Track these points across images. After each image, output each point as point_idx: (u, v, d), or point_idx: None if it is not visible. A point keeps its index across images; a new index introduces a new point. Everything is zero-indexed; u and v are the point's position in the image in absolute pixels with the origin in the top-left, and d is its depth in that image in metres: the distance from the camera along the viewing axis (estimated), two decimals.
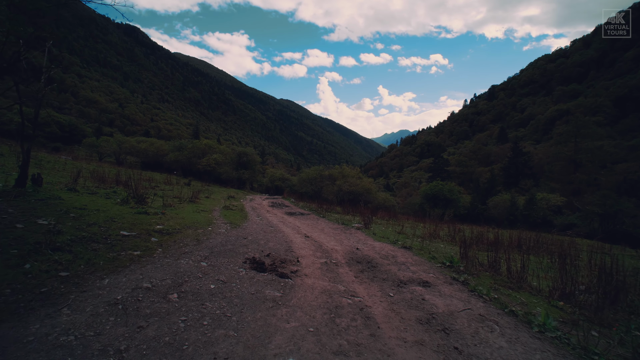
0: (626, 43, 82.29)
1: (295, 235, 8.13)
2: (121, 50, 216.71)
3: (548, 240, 11.93)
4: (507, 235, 11.98)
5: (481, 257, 6.96)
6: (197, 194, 14.77)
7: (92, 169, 19.10)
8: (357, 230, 9.92)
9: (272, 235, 7.74)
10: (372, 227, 11.18)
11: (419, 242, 8.83)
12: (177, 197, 12.66)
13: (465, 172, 72.64)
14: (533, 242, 11.34)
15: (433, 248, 8.23)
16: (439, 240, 10.96)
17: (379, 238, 8.83)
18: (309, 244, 7.14)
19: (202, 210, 10.38)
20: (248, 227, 8.62)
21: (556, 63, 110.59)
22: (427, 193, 36.49)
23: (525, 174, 44.49)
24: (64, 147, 41.16)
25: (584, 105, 77.03)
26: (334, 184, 29.22)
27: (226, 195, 18.56)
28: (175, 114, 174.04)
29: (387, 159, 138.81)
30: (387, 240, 8.52)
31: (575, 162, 36.73)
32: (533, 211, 27.22)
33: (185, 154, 30.76)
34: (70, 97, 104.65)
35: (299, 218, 12.63)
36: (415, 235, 11.18)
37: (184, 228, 6.89)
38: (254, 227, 8.75)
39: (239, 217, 10.51)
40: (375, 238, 8.79)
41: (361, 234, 9.29)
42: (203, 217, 9.06)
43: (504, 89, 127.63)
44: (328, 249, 6.75)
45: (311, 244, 7.17)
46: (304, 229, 9.41)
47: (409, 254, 6.94)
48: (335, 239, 8.23)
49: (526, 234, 12.93)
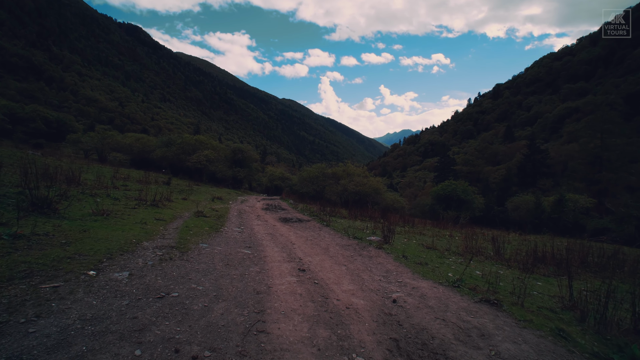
0: (636, 40, 79.10)
1: (283, 267, 5.09)
2: (123, 50, 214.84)
3: (608, 251, 8.94)
4: (549, 246, 8.95)
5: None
6: (170, 196, 11.88)
7: (55, 165, 16.28)
8: (377, 250, 6.89)
9: (239, 272, 4.64)
10: (394, 241, 8.22)
11: (478, 274, 5.86)
12: (139, 200, 9.79)
13: (472, 172, 69.61)
14: (597, 256, 8.44)
15: (511, 285, 5.25)
16: (487, 258, 8.01)
17: (417, 266, 5.73)
18: (305, 294, 3.96)
19: (158, 219, 7.44)
20: (204, 254, 5.41)
21: (562, 61, 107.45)
22: (438, 193, 33.50)
23: (543, 172, 41.29)
24: (48, 144, 38.43)
25: (594, 102, 74.24)
26: (337, 184, 26.28)
27: (212, 197, 15.63)
28: (176, 113, 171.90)
29: (390, 159, 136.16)
30: (433, 273, 5.38)
31: (600, 160, 33.58)
32: (563, 214, 24.14)
33: (173, 150, 27.73)
34: (70, 96, 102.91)
35: (295, 227, 9.70)
36: (451, 251, 8.25)
37: (53, 266, 3.73)
38: (215, 252, 5.60)
39: (206, 230, 7.43)
40: (412, 266, 5.70)
41: (386, 258, 6.24)
42: (136, 233, 5.80)
43: (509, 87, 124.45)
44: (341, 310, 3.55)
45: (308, 293, 3.98)
46: (300, 248, 6.47)
47: (502, 317, 3.71)
48: (349, 272, 5.12)
49: (579, 243, 9.95)
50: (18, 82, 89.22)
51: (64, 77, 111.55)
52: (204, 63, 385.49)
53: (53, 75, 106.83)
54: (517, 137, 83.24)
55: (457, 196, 31.85)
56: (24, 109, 41.33)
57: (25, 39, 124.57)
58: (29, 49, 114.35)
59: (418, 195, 63.34)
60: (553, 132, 77.63)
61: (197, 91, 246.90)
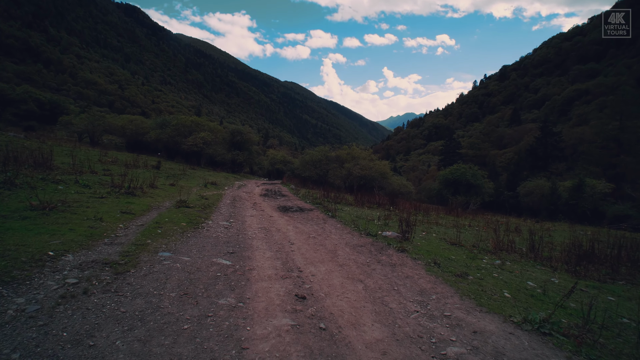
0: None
1: (273, 293, 3.50)
2: (121, 31, 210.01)
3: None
4: (583, 238, 7.53)
5: None
6: (155, 181, 10.53)
7: (34, 148, 14.91)
8: (400, 255, 5.43)
9: (198, 313, 2.90)
10: (413, 238, 6.84)
11: (532, 286, 4.51)
12: (113, 187, 8.44)
13: (478, 155, 67.92)
14: None
15: (591, 310, 3.88)
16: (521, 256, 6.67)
17: (457, 281, 4.32)
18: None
19: (125, 212, 6.04)
20: (156, 273, 3.66)
21: (572, 41, 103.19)
22: (446, 178, 32.10)
23: (556, 156, 39.56)
24: (41, 127, 37.02)
25: (605, 84, 71.63)
26: (342, 168, 24.85)
27: (205, 182, 14.26)
28: (177, 96, 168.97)
29: (394, 142, 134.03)
30: (485, 295, 3.91)
31: (619, 142, 31.83)
32: (582, 200, 22.67)
33: (168, 132, 26.17)
34: (69, 78, 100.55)
35: (296, 218, 8.35)
36: (480, 248, 6.90)
37: None
38: (175, 269, 3.85)
39: (182, 227, 5.90)
40: (452, 282, 4.29)
41: (414, 267, 4.77)
42: (71, 237, 4.19)
43: (516, 69, 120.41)
44: None
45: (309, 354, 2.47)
46: (301, 251, 5.12)
47: None
48: (369, 296, 3.61)
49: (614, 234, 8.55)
50: (15, 65, 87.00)
51: (62, 60, 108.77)
52: (204, 45, 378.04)
53: (51, 58, 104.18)
54: (524, 120, 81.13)
55: (466, 180, 30.41)
56: (15, 90, 39.77)
57: (20, 19, 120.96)
58: (25, 30, 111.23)
59: (422, 179, 61.94)
60: (562, 115, 75.33)
61: (198, 74, 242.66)
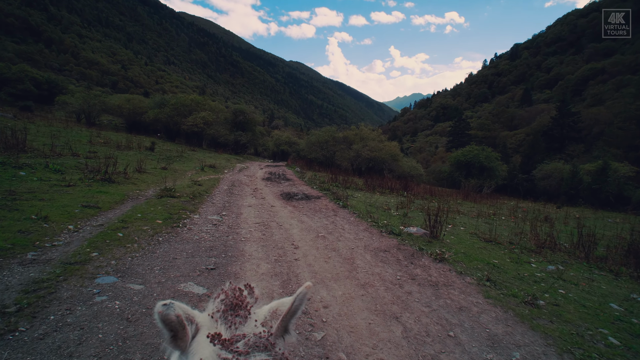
0: None
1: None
2: (123, 9, 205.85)
3: None
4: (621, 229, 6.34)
5: None
6: (143, 165, 9.39)
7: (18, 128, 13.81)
8: (439, 266, 4.22)
9: None
10: (443, 235, 5.65)
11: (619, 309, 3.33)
12: (88, 171, 7.32)
13: (487, 137, 65.76)
14: None
15: None
16: (570, 256, 5.51)
17: (530, 313, 3.16)
18: None
19: (87, 206, 4.91)
20: (56, 334, 2.16)
21: (588, 18, 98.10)
22: (459, 160, 30.69)
23: (573, 137, 37.72)
24: (39, 107, 35.92)
25: (622, 62, 68.31)
26: (349, 149, 23.53)
27: (202, 165, 13.08)
28: (181, 77, 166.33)
29: (401, 123, 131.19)
30: (584, 341, 2.70)
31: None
32: (606, 184, 21.23)
33: (166, 111, 24.83)
34: (71, 59, 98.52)
35: (301, 209, 7.19)
36: (521, 246, 5.72)
37: None
38: (109, 313, 2.40)
39: (155, 226, 4.65)
40: (525, 315, 3.13)
41: (464, 287, 3.54)
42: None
43: (527, 47, 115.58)
44: None
45: None
46: (307, 261, 3.97)
47: None
48: (412, 348, 2.40)
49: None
50: (16, 44, 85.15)
51: (64, 39, 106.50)
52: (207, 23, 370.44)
53: (52, 37, 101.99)
54: (535, 101, 78.24)
55: (479, 163, 29.02)
56: (11, 68, 38.47)
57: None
58: (24, 9, 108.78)
59: (430, 161, 60.33)
60: (575, 95, 72.31)
61: (202, 53, 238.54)
